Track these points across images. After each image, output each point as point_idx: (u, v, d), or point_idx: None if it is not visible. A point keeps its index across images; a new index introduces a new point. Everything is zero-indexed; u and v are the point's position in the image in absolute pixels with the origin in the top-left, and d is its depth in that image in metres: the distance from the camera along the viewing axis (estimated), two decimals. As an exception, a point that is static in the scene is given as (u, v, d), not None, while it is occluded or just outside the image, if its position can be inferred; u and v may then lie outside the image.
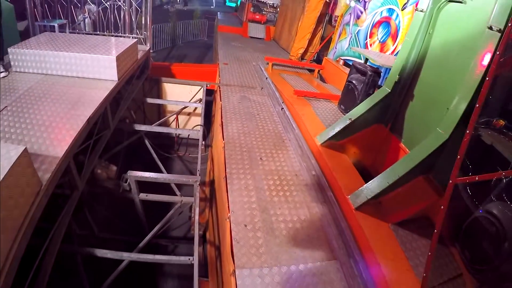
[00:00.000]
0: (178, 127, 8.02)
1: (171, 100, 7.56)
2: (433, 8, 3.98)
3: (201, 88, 7.36)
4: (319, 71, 9.11)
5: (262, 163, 4.25)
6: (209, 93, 7.61)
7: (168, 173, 6.39)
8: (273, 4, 19.37)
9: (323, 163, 4.35)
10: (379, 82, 5.72)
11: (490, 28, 2.98)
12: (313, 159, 4.42)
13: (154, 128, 5.88)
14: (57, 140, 3.15)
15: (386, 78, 5.97)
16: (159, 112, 8.09)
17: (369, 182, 3.68)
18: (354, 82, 5.64)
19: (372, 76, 5.40)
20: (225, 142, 4.50)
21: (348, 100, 5.76)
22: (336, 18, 9.82)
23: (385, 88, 4.53)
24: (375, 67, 5.71)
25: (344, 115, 5.75)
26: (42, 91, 4.13)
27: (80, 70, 4.54)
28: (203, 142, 6.08)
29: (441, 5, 3.93)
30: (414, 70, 4.30)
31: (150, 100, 6.68)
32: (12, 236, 2.21)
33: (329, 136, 4.58)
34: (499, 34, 2.91)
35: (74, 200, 3.53)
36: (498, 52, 2.28)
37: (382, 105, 4.59)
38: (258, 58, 9.60)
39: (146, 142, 5.85)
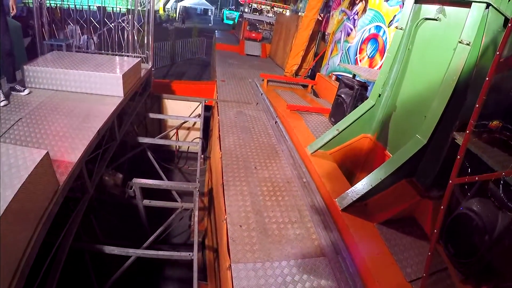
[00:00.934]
0: (178, 140, 8.41)
1: (171, 115, 7.96)
2: (412, 25, 4.36)
3: (199, 104, 7.79)
4: (312, 86, 9.52)
5: (257, 172, 4.59)
6: (208, 108, 8.02)
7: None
8: (269, 21, 19.95)
9: (313, 171, 4.69)
10: (367, 95, 6.11)
11: (461, 42, 3.38)
12: (304, 167, 4.77)
13: (156, 141, 6.26)
14: (71, 148, 3.50)
15: (372, 91, 6.42)
16: (160, 127, 8.50)
17: (354, 186, 3.99)
18: (343, 96, 6.02)
19: (359, 89, 5.78)
20: (222, 153, 4.85)
21: (337, 113, 6.13)
22: (328, 35, 10.30)
23: (370, 101, 4.91)
24: (362, 81, 6.10)
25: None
26: (53, 105, 4.50)
27: (89, 87, 4.93)
28: (202, 155, 6.42)
29: (418, 23, 4.31)
30: (396, 83, 4.66)
31: (152, 115, 7.07)
32: (33, 225, 2.55)
33: (319, 146, 4.93)
34: (469, 47, 3.31)
35: (85, 202, 3.88)
36: (498, 52, 2.28)
37: (368, 116, 4.96)
38: (254, 75, 10.03)
39: (149, 154, 6.21)
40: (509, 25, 2.22)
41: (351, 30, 8.80)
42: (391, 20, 7.27)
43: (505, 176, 2.33)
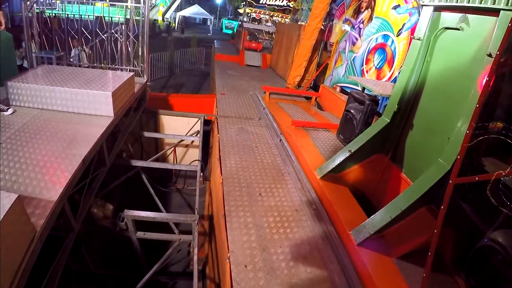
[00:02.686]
0: (176, 159, 7.94)
1: (168, 134, 7.54)
2: (430, 35, 3.99)
3: (198, 120, 7.33)
4: (316, 98, 9.10)
5: (262, 199, 4.16)
6: (207, 122, 7.59)
7: (166, 207, 6.29)
8: (268, 31, 19.65)
9: (323, 197, 4.27)
10: (378, 110, 5.71)
11: (490, 55, 2.97)
12: (313, 193, 4.35)
13: (151, 164, 5.79)
14: (51, 182, 3.06)
15: (384, 106, 5.99)
16: (157, 144, 8.06)
17: (371, 217, 3.58)
18: (352, 111, 5.61)
19: (370, 105, 5.37)
20: (223, 178, 4.42)
21: (346, 129, 5.71)
22: (331, 45, 9.92)
23: (384, 118, 4.50)
24: (373, 95, 5.70)
25: (343, 145, 5.71)
26: (37, 127, 4.07)
27: (76, 106, 4.50)
28: (201, 174, 6.01)
29: (437, 33, 3.93)
30: (413, 99, 4.27)
31: (147, 134, 6.64)
32: (6, 285, 2.11)
33: (329, 169, 4.49)
34: (498, 61, 2.95)
35: (70, 242, 3.41)
36: (498, 52, 2.31)
37: (382, 135, 4.54)
38: (255, 87, 9.65)
39: (143, 177, 5.75)
40: (509, 25, 2.23)
41: (356, 39, 8.42)
42: (400, 29, 6.89)
43: (505, 176, 2.29)
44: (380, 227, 3.44)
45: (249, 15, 44.00)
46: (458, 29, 3.62)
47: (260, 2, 48.13)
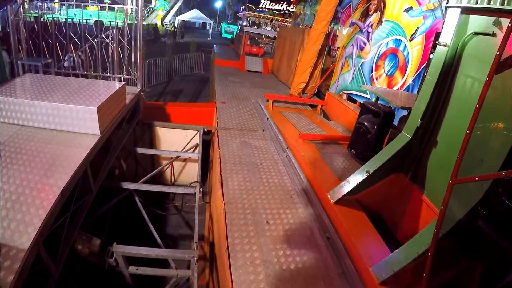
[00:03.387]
0: (174, 175, 7.39)
1: (164, 150, 7.03)
2: (457, 41, 3.48)
3: (197, 132, 6.81)
4: (322, 106, 8.61)
5: (269, 228, 3.66)
6: (207, 131, 7.07)
7: (163, 227, 5.80)
8: (268, 35, 19.21)
9: (338, 224, 3.77)
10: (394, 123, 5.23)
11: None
12: (327, 219, 3.86)
13: (144, 187, 5.22)
14: (24, 223, 2.54)
15: (400, 118, 5.50)
16: (153, 159, 7.51)
17: (394, 252, 3.09)
18: (365, 124, 5.12)
19: (385, 117, 4.89)
20: (225, 203, 3.92)
21: (359, 143, 5.23)
22: (335, 49, 9.44)
23: (406, 135, 3.99)
24: (387, 106, 5.22)
25: (356, 160, 5.23)
26: (15, 148, 3.56)
27: (58, 122, 3.98)
28: (201, 189, 5.51)
29: (466, 39, 3.44)
30: (438, 113, 3.78)
31: (141, 151, 6.13)
32: None
33: (344, 193, 3.99)
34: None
35: (51, 288, 2.90)
36: (498, 52, 2.23)
37: (402, 153, 4.04)
38: (257, 95, 9.17)
39: (136, 199, 5.20)
40: (509, 25, 2.19)
41: (365, 44, 7.95)
42: (413, 33, 6.42)
43: (505, 177, 2.27)
44: (406, 264, 2.96)
45: (248, 19, 43.80)
46: (491, 35, 3.12)
47: (260, 6, 48.08)
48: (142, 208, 5.02)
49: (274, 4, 47.36)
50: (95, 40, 5.68)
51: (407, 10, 6.68)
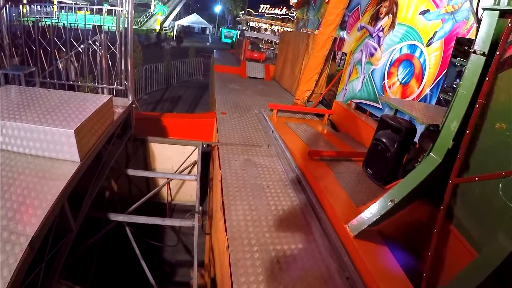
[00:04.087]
0: (170, 193, 6.77)
1: (158, 172, 6.41)
2: (496, 49, 2.91)
3: (196, 148, 6.15)
4: (329, 116, 8.02)
5: (281, 267, 3.06)
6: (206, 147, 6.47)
7: (159, 253, 5.17)
8: (268, 39, 18.65)
9: (359, 262, 3.19)
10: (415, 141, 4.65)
11: None
12: (346, 256, 3.27)
13: (134, 219, 4.36)
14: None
15: (421, 133, 4.91)
16: (147, 177, 6.84)
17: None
18: (384, 140, 4.55)
19: (407, 134, 4.32)
20: (228, 238, 3.32)
21: (376, 162, 4.65)
22: (338, 54, 8.87)
23: (435, 157, 3.40)
24: (409, 119, 4.66)
25: (374, 182, 4.65)
26: (-20, 180, 2.97)
27: (33, 147, 3.35)
28: (200, 208, 4.93)
29: (507, 46, 2.87)
30: (471, 133, 3.20)
31: (132, 172, 5.48)
32: None
33: (366, 226, 3.40)
34: None
35: None
36: (498, 52, 2.25)
37: (430, 178, 3.45)
38: (260, 104, 8.59)
39: (127, 230, 4.54)
40: (509, 25, 2.24)
41: (375, 49, 7.39)
42: (431, 38, 5.87)
43: (505, 176, 2.22)
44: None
45: (248, 23, 43.51)
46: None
47: (259, 11, 47.78)
48: (133, 241, 4.37)
49: (273, 8, 47.15)
50: (82, 46, 5.07)
51: (423, 13, 6.14)
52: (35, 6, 5.34)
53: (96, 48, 5.00)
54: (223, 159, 4.95)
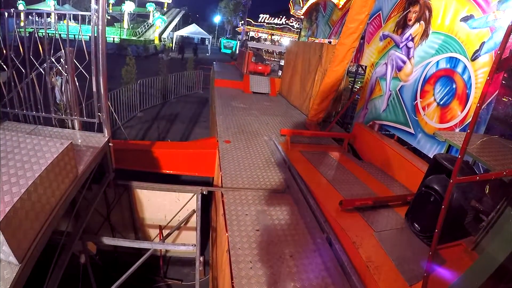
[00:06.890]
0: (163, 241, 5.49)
1: (143, 241, 5.04)
2: None
3: (194, 195, 4.81)
4: (349, 141, 6.87)
5: None
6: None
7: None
8: (272, 50, 17.62)
9: None
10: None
11: None
12: None
13: None
14: None
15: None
16: (134, 224, 5.53)
17: None
18: (436, 188, 3.43)
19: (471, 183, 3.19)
20: None
21: (425, 216, 3.51)
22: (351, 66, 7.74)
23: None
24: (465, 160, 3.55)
25: (422, 240, 3.52)
26: None
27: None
28: (201, 259, 3.83)
29: None
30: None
31: (108, 242, 4.08)
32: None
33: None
34: None
35: None
36: (498, 52, 2.18)
37: None
38: (269, 126, 7.45)
39: None
40: (509, 25, 2.16)
41: (404, 62, 6.29)
42: (477, 51, 4.80)
43: (506, 176, 2.23)
44: None
45: (248, 33, 42.83)
46: None
47: (259, 20, 47.04)
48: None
49: (273, 18, 46.48)
50: (43, 66, 3.90)
51: (465, 19, 5.07)
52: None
53: (59, 67, 3.82)
54: (229, 214, 3.75)
